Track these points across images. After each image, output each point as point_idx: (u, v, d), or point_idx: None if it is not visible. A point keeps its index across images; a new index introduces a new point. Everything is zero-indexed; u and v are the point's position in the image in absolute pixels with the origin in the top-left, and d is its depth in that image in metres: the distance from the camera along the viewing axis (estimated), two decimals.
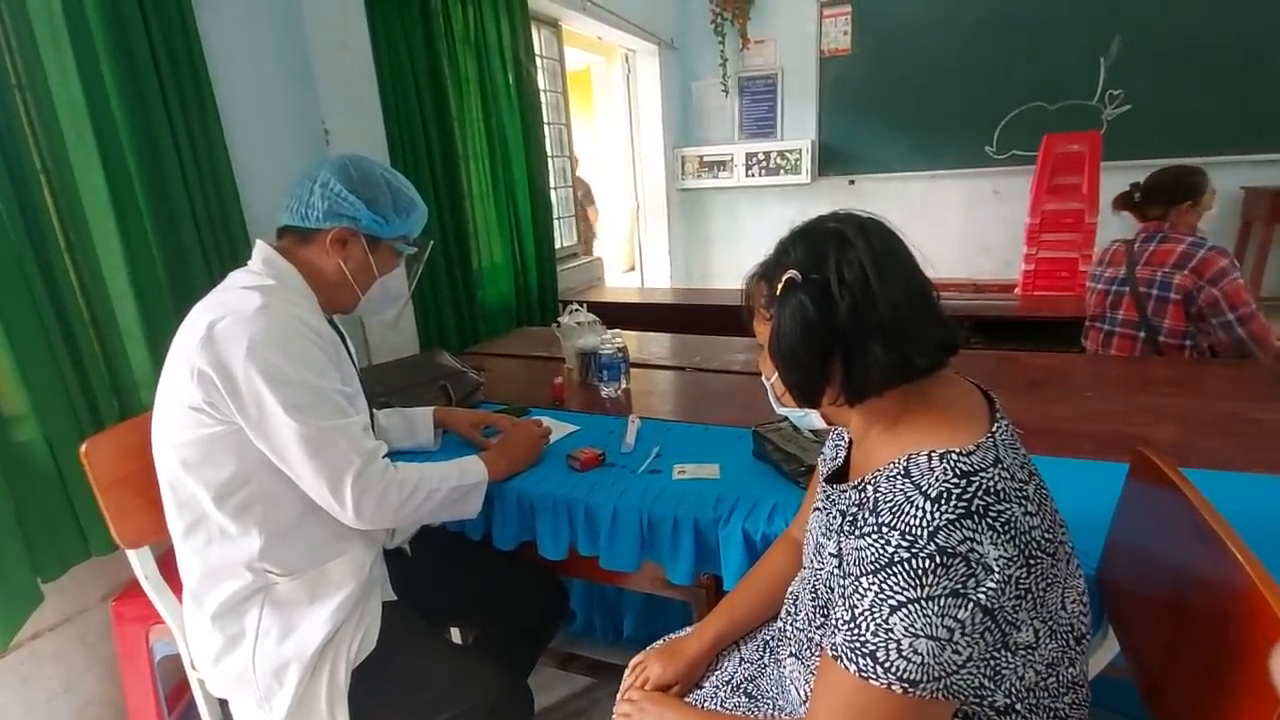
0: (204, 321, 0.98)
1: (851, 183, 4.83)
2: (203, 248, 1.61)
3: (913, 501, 0.63)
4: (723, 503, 1.19)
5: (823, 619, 0.80)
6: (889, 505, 0.65)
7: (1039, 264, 3.79)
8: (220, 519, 1.02)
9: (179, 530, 1.05)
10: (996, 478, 0.63)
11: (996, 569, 0.60)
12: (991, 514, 0.61)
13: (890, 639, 0.61)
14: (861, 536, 0.67)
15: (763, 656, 0.97)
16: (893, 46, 4.46)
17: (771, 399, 0.85)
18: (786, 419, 1.35)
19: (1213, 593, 0.72)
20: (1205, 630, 0.74)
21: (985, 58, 4.26)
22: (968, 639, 0.60)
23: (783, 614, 0.93)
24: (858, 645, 0.63)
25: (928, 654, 0.60)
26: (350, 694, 1.07)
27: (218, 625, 1.05)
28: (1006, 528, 0.61)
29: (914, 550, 0.61)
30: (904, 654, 0.60)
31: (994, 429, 0.68)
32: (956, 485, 0.62)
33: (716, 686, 0.95)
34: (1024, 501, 0.63)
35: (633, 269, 5.41)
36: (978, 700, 0.66)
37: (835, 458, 0.90)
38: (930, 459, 0.65)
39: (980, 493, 0.62)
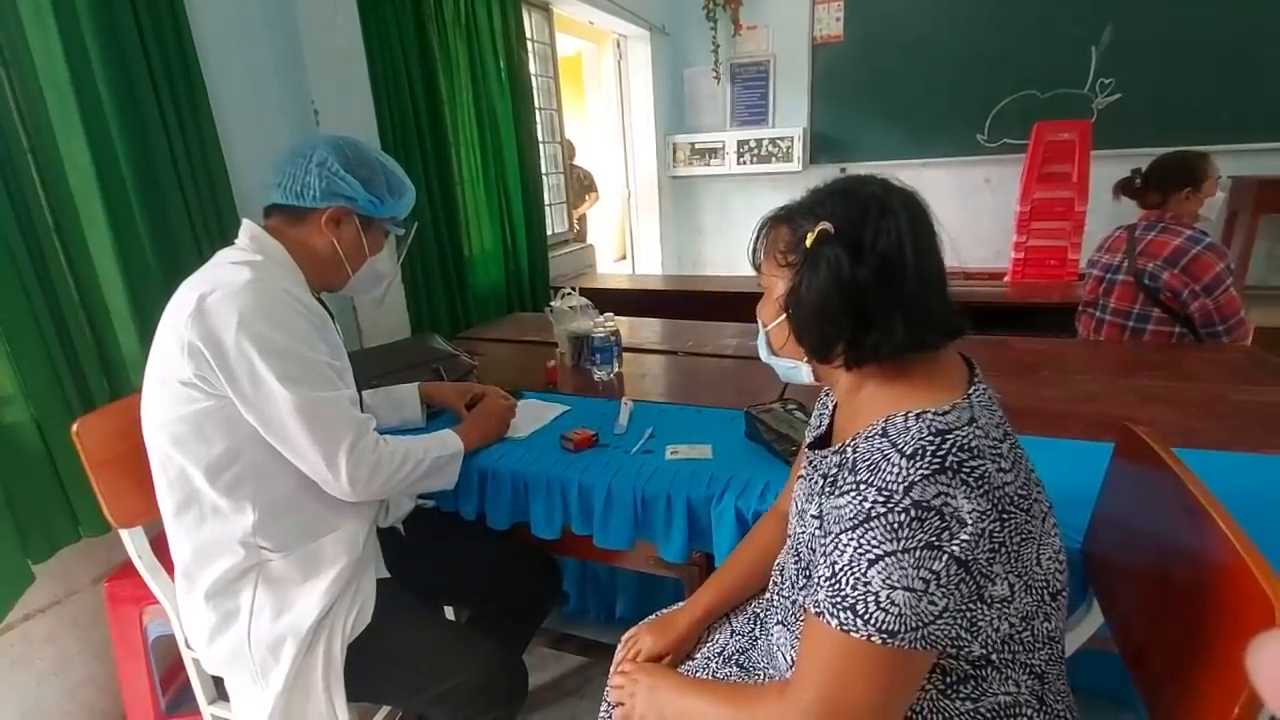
0: (193, 296, 0.97)
1: (843, 170, 4.81)
2: (192, 228, 1.60)
3: (889, 459, 0.65)
4: (715, 481, 1.20)
5: (805, 580, 0.81)
6: (866, 464, 0.67)
7: (1028, 252, 3.81)
8: (212, 496, 1.02)
9: (169, 508, 1.05)
10: (971, 435, 0.65)
11: (969, 521, 0.61)
12: (965, 469, 0.62)
13: (869, 592, 0.62)
14: (840, 495, 0.68)
15: (753, 629, 0.98)
16: (885, 33, 4.44)
17: (761, 345, 0.85)
18: (778, 402, 1.38)
19: (1196, 564, 0.74)
20: (1188, 600, 0.75)
21: (978, 45, 4.26)
22: (943, 590, 0.62)
23: (770, 584, 0.94)
24: (838, 600, 0.64)
25: (905, 605, 0.61)
26: (346, 670, 1.08)
27: (211, 603, 1.05)
28: (980, 482, 0.62)
29: (890, 505, 0.63)
30: (882, 606, 0.62)
31: (970, 391, 0.70)
32: (931, 442, 0.64)
33: (708, 658, 0.96)
34: (998, 459, 0.65)
35: (624, 258, 5.40)
36: (955, 651, 0.68)
37: (819, 425, 0.91)
38: (907, 419, 0.68)
39: (954, 449, 0.63)
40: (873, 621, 0.62)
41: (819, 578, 0.68)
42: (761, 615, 0.98)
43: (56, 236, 1.36)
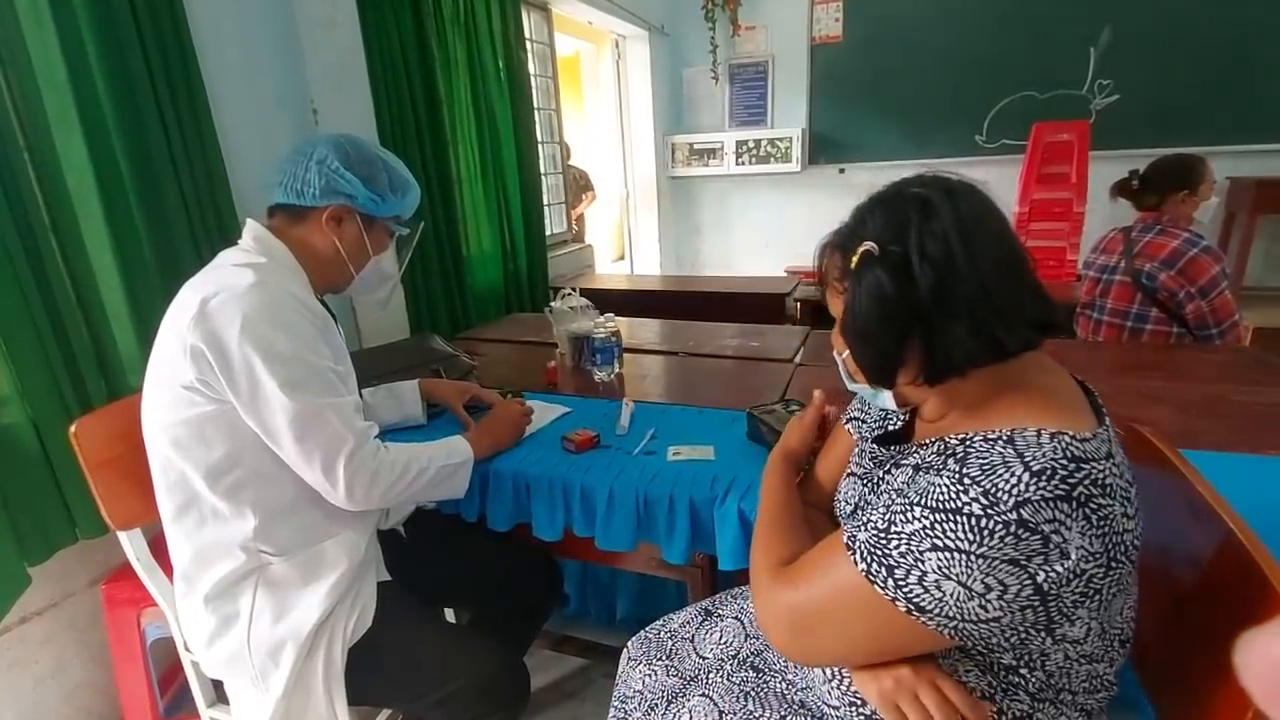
0: (196, 299, 0.96)
1: (842, 171, 4.83)
2: (190, 227, 1.59)
3: (1010, 468, 0.59)
4: (718, 483, 1.19)
5: None
6: (981, 462, 0.61)
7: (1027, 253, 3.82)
8: (212, 500, 1.01)
9: (169, 512, 1.04)
10: (1107, 472, 0.59)
11: (1073, 558, 0.57)
12: (1091, 505, 0.57)
13: (917, 568, 0.59)
14: (938, 474, 0.63)
15: None
16: (884, 34, 4.45)
17: (842, 374, 0.79)
18: (780, 403, 1.38)
19: (1205, 566, 0.74)
20: (1197, 602, 0.75)
21: (976, 46, 4.26)
22: (1004, 604, 0.58)
23: None
24: (878, 554, 0.61)
25: (951, 596, 0.58)
26: (346, 673, 1.07)
27: (211, 607, 1.04)
28: (1102, 524, 0.58)
29: (990, 512, 0.58)
30: (926, 586, 0.59)
31: (1107, 423, 0.65)
32: (1064, 467, 0.58)
33: (721, 660, 0.95)
34: (1126, 504, 0.60)
35: (622, 258, 5.40)
36: (983, 650, 0.65)
37: (886, 419, 0.87)
38: (1040, 435, 0.61)
39: (1087, 481, 0.58)
40: (906, 591, 0.59)
41: (868, 519, 0.64)
42: None
43: (53, 236, 1.35)
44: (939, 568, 0.59)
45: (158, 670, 1.49)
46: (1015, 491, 0.58)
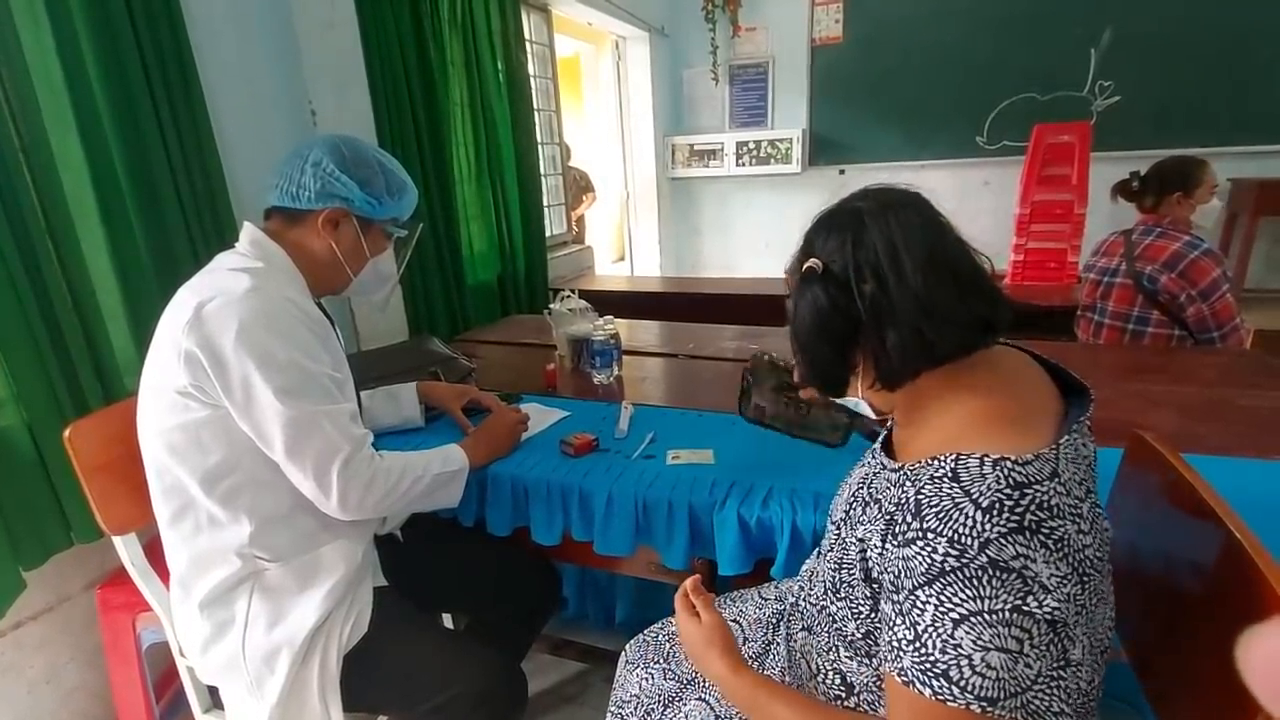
0: (191, 303, 0.95)
1: (842, 172, 4.82)
2: (187, 229, 1.58)
3: (962, 509, 0.61)
4: (718, 487, 1.18)
5: (840, 592, 0.76)
6: (935, 510, 0.62)
7: (1028, 255, 3.81)
8: (208, 505, 1.00)
9: (165, 517, 1.03)
10: (1051, 492, 0.60)
11: (1052, 587, 0.58)
12: (1044, 530, 0.58)
13: (960, 655, 0.59)
14: (906, 545, 0.64)
15: (767, 634, 0.96)
16: (884, 35, 4.44)
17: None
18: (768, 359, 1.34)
19: (1211, 573, 0.73)
20: (1202, 610, 0.74)
21: (977, 47, 4.26)
22: (1036, 651, 0.58)
23: (797, 589, 0.92)
24: (928, 666, 0.60)
25: (1001, 668, 0.58)
26: (342, 680, 1.06)
27: (206, 613, 1.03)
28: (1059, 545, 0.59)
29: (964, 560, 0.59)
30: (977, 670, 0.58)
31: (1060, 440, 0.64)
32: (1009, 497, 0.59)
33: None
34: (1077, 520, 0.61)
35: (622, 259, 5.39)
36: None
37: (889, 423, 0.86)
38: (983, 464, 0.62)
39: (1033, 507, 0.59)
40: (970, 688, 0.58)
41: (899, 640, 0.64)
42: (778, 621, 0.97)
43: (49, 237, 1.34)
44: (974, 641, 0.58)
45: (153, 675, 1.48)
46: (975, 533, 0.59)
